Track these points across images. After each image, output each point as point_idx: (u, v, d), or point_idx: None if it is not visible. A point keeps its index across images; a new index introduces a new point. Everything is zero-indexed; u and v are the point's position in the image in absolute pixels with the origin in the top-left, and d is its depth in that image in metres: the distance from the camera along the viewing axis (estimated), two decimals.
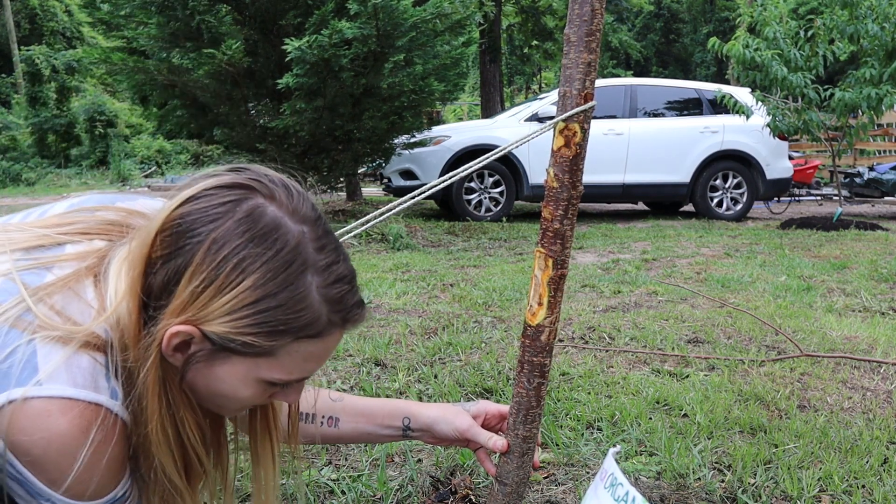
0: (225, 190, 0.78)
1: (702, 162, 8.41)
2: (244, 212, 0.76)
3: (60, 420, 0.69)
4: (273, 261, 0.75)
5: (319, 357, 0.82)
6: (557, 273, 1.02)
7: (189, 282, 0.74)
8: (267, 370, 0.79)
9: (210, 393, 0.82)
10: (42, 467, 0.71)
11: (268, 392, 0.84)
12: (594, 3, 0.95)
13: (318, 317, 0.78)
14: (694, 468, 1.60)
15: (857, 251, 5.36)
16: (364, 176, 13.09)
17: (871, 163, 11.02)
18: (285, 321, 0.76)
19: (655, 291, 3.72)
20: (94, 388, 0.72)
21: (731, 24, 26.87)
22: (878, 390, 2.19)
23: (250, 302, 0.74)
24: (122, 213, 0.88)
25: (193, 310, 0.74)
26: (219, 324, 0.75)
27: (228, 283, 0.74)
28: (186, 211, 0.77)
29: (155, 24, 6.21)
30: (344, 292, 0.81)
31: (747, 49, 7.14)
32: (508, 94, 29.76)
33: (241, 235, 0.75)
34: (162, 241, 0.76)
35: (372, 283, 3.92)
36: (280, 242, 0.76)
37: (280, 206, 0.78)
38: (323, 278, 0.78)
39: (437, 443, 1.20)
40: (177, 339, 0.75)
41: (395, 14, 5.82)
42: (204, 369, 0.79)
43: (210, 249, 0.74)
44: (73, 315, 0.74)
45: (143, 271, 0.76)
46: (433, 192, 1.09)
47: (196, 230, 0.75)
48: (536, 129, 1.08)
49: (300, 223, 0.78)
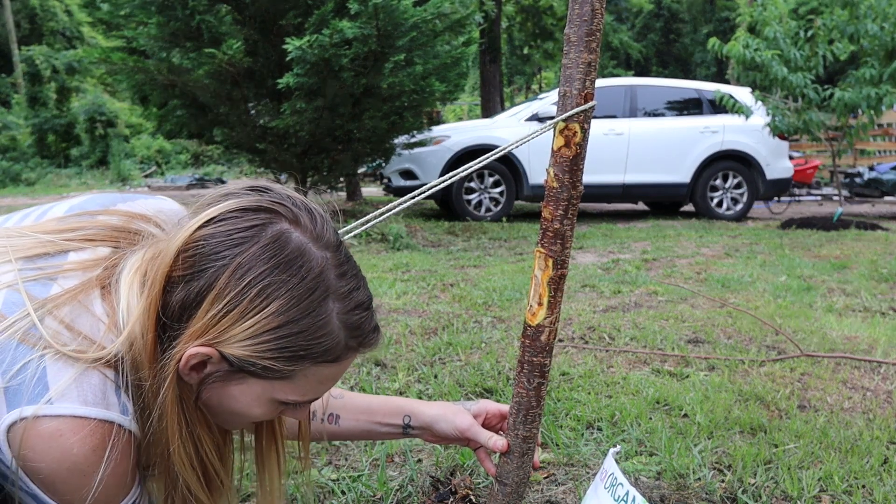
0: (250, 213, 0.78)
1: (702, 162, 8.41)
2: (269, 237, 0.76)
3: (72, 440, 0.69)
4: (297, 288, 0.75)
5: (333, 379, 0.84)
6: (557, 273, 1.02)
7: (211, 305, 0.74)
8: (282, 392, 0.80)
9: (222, 410, 0.82)
10: (53, 486, 0.71)
11: (279, 410, 0.84)
12: (594, 3, 0.95)
13: (338, 343, 0.79)
14: (694, 468, 1.60)
15: (858, 251, 5.36)
16: (364, 176, 13.09)
17: (872, 163, 11.02)
18: (306, 347, 0.77)
19: (655, 291, 3.72)
20: (105, 405, 0.72)
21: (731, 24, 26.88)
22: (878, 390, 2.19)
23: (273, 328, 0.75)
24: (125, 217, 0.87)
25: (214, 333, 0.75)
26: (239, 347, 0.75)
27: (252, 309, 0.74)
28: (210, 233, 0.76)
29: (155, 24, 6.21)
30: (363, 319, 0.81)
31: (747, 49, 7.14)
32: (508, 94, 29.76)
33: (266, 262, 0.75)
34: (183, 260, 0.76)
35: (372, 283, 3.92)
36: (304, 269, 0.76)
37: (304, 231, 0.79)
38: (343, 305, 0.79)
39: (437, 441, 1.20)
40: (195, 359, 0.76)
41: (396, 14, 5.82)
42: (219, 388, 0.79)
43: (234, 274, 0.74)
44: (83, 329, 0.74)
45: (162, 290, 0.76)
46: (433, 192, 1.09)
47: (220, 253, 0.75)
48: (536, 129, 1.08)
49: (323, 249, 0.79)
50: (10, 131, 21.36)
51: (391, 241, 5.78)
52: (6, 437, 0.69)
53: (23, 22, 27.55)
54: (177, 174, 19.66)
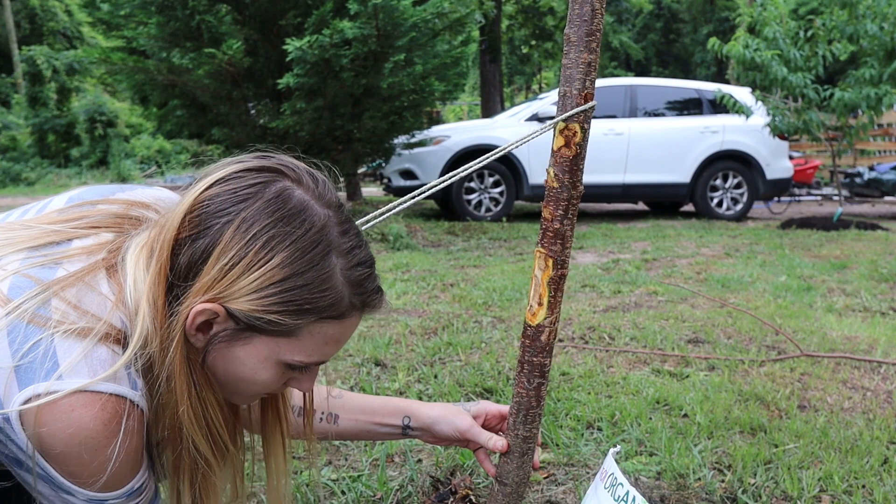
0: (253, 173, 0.80)
1: (702, 162, 8.41)
2: (273, 193, 0.78)
3: (82, 413, 0.70)
4: (301, 240, 0.77)
5: (338, 340, 0.83)
6: (557, 273, 1.02)
7: (217, 260, 0.75)
8: (288, 351, 0.80)
9: (228, 377, 0.82)
10: (65, 462, 0.71)
11: (285, 377, 0.84)
12: (594, 3, 0.95)
13: (341, 298, 0.80)
14: (694, 468, 1.60)
15: (858, 251, 5.36)
16: (364, 176, 13.09)
17: (872, 163, 11.02)
18: (311, 300, 0.77)
19: (655, 291, 3.72)
20: (115, 380, 0.73)
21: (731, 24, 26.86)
22: (878, 390, 2.19)
23: (278, 280, 0.76)
24: (124, 204, 0.88)
25: (220, 287, 0.76)
26: (245, 301, 0.76)
27: (258, 261, 0.75)
28: (215, 192, 0.78)
29: (155, 24, 6.20)
30: (365, 275, 0.82)
31: (747, 49, 7.14)
32: (508, 94, 29.76)
33: (270, 215, 0.77)
34: (189, 221, 0.77)
35: None
36: (308, 223, 0.78)
37: (307, 190, 0.81)
38: (346, 261, 0.80)
39: (436, 442, 1.20)
40: (202, 317, 0.76)
41: (395, 14, 5.82)
42: (225, 350, 0.80)
43: (239, 228, 0.76)
44: (90, 308, 0.75)
45: (170, 254, 0.77)
46: (433, 192, 1.09)
47: (225, 210, 0.77)
48: (536, 129, 1.08)
49: (325, 207, 0.81)
50: (10, 131, 21.36)
51: (391, 241, 5.78)
52: (20, 416, 0.69)
53: (23, 22, 27.54)
54: (177, 174, 19.66)
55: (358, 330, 2.85)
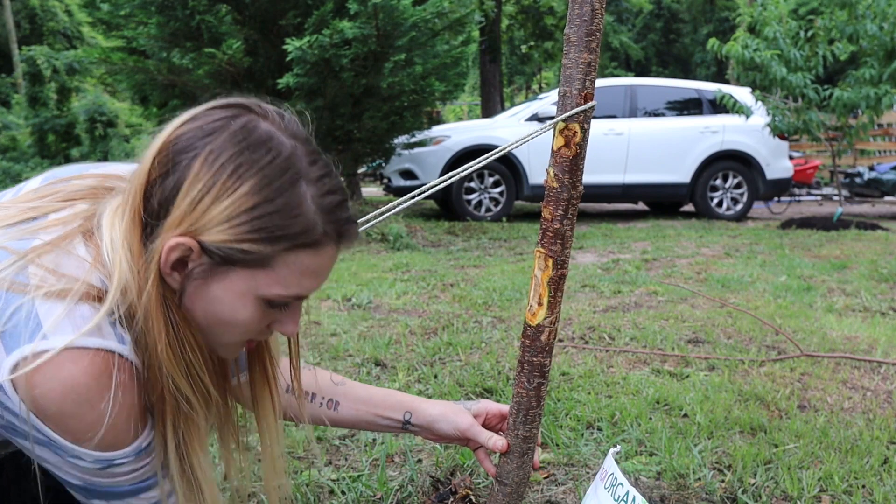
0: (218, 109, 0.81)
1: (702, 162, 8.41)
2: (239, 125, 0.79)
3: (72, 369, 0.70)
4: (269, 167, 0.77)
5: (315, 273, 0.82)
6: (557, 273, 1.02)
7: (187, 193, 0.75)
8: (265, 284, 0.79)
9: (209, 320, 0.81)
10: (62, 421, 0.72)
11: (266, 317, 0.83)
12: (594, 3, 0.95)
13: (314, 225, 0.79)
14: (694, 468, 1.60)
15: (858, 251, 5.36)
16: (364, 176, 13.09)
17: (872, 163, 11.02)
18: (283, 226, 0.77)
19: (655, 291, 3.72)
20: (101, 334, 0.73)
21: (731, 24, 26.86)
22: (878, 390, 2.19)
23: (248, 207, 0.76)
24: (99, 177, 0.89)
25: (191, 220, 0.75)
26: (217, 232, 0.76)
27: (226, 190, 0.75)
28: (182, 131, 0.79)
29: (155, 24, 6.20)
30: (336, 203, 0.82)
31: (746, 49, 7.14)
32: (508, 94, 29.76)
33: (236, 144, 0.77)
34: (159, 162, 0.78)
35: (372, 283, 3.92)
36: (274, 151, 0.78)
37: (272, 122, 0.81)
38: (316, 188, 0.80)
39: (436, 440, 1.20)
40: (175, 253, 0.76)
41: (395, 14, 5.82)
42: (202, 288, 0.79)
43: (207, 159, 0.76)
44: (68, 271, 0.75)
45: (143, 199, 0.77)
46: (433, 192, 1.09)
47: (192, 145, 0.77)
48: (536, 129, 1.08)
49: (292, 138, 0.81)
50: (10, 131, 21.36)
51: (391, 241, 5.78)
52: (10, 380, 0.69)
53: (23, 22, 27.54)
54: None
55: (358, 330, 2.85)
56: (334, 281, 3.99)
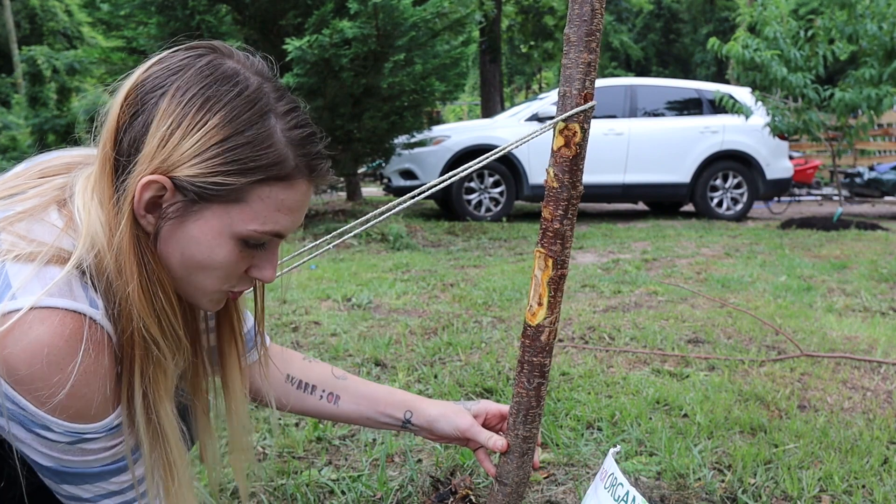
0: (183, 50, 0.81)
1: (702, 162, 8.41)
2: (205, 62, 0.79)
3: (40, 329, 0.69)
4: (237, 99, 0.77)
5: (291, 209, 0.82)
6: (557, 273, 1.02)
7: (156, 130, 0.75)
8: (240, 220, 0.79)
9: (185, 263, 0.80)
10: (31, 385, 0.70)
11: (243, 259, 0.83)
12: (594, 3, 0.95)
13: (285, 158, 0.79)
14: (694, 468, 1.60)
15: (857, 251, 5.36)
16: (364, 176, 13.09)
17: (872, 163, 11.02)
18: (254, 157, 0.77)
19: (655, 291, 3.72)
20: (72, 296, 0.72)
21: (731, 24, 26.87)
22: (878, 390, 2.19)
23: (219, 140, 0.76)
24: (80, 155, 0.89)
25: (162, 156, 0.75)
26: (189, 166, 0.75)
27: (195, 123, 0.75)
28: (148, 74, 0.79)
29: (155, 24, 6.21)
30: (306, 135, 0.82)
31: (747, 49, 7.14)
32: (508, 94, 29.76)
33: (203, 80, 0.77)
34: (127, 105, 0.78)
35: (372, 283, 3.92)
36: (242, 85, 0.78)
37: (237, 61, 0.82)
38: (285, 122, 0.80)
39: (436, 440, 1.20)
40: (148, 191, 0.76)
41: (395, 14, 5.82)
42: (177, 229, 0.78)
43: (174, 96, 0.76)
44: (38, 236, 0.75)
45: (113, 143, 0.77)
46: (433, 192, 1.09)
47: (159, 84, 0.77)
48: (536, 129, 1.08)
49: (258, 76, 0.82)
50: (10, 131, 21.36)
51: (391, 241, 5.78)
52: None
53: (23, 22, 27.53)
54: None
55: (358, 330, 2.85)
56: (334, 281, 3.99)
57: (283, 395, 1.14)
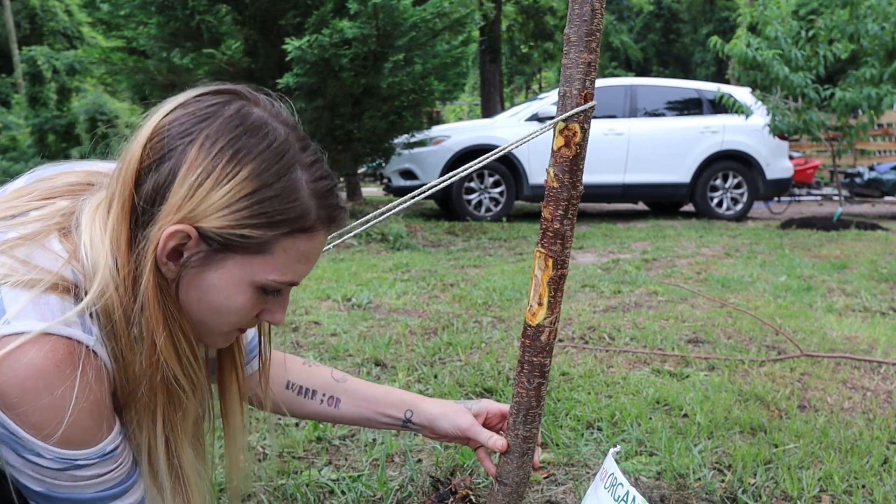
0: (210, 95, 0.80)
1: (702, 162, 8.41)
2: (233, 110, 0.78)
3: (32, 354, 0.69)
4: (267, 152, 0.77)
5: (308, 258, 0.83)
6: (557, 273, 1.02)
7: (185, 179, 0.74)
8: (261, 270, 0.79)
9: (202, 309, 0.81)
10: (23, 411, 0.69)
11: (258, 305, 0.83)
12: (594, 3, 0.95)
13: (309, 210, 0.80)
14: (694, 468, 1.60)
15: (858, 251, 5.36)
16: (364, 176, 13.08)
17: (872, 163, 11.02)
18: (281, 211, 0.77)
19: (655, 291, 3.72)
20: (66, 323, 0.71)
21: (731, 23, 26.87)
22: (878, 390, 2.19)
23: (248, 192, 0.76)
24: (82, 174, 0.88)
25: (190, 206, 0.74)
26: (217, 218, 0.75)
27: (226, 175, 0.75)
28: (174, 117, 0.78)
29: (155, 24, 6.21)
30: (329, 188, 0.83)
31: (749, 48, 7.14)
32: (508, 94, 29.75)
33: (233, 130, 0.77)
34: (150, 149, 0.76)
35: (372, 283, 3.92)
36: (271, 136, 0.78)
37: (264, 109, 0.81)
38: (310, 174, 0.80)
39: (436, 438, 1.20)
40: (173, 241, 0.75)
41: (395, 13, 5.82)
42: (198, 276, 0.78)
43: (204, 145, 0.75)
44: (39, 263, 0.74)
45: (134, 186, 0.76)
46: (433, 192, 1.09)
47: (187, 130, 0.76)
48: (536, 129, 1.08)
49: (283, 125, 0.81)
50: (10, 131, 21.37)
51: (391, 241, 5.78)
52: None
53: (23, 22, 27.53)
54: None
55: (358, 330, 2.85)
56: (334, 281, 3.99)
57: (284, 402, 1.14)
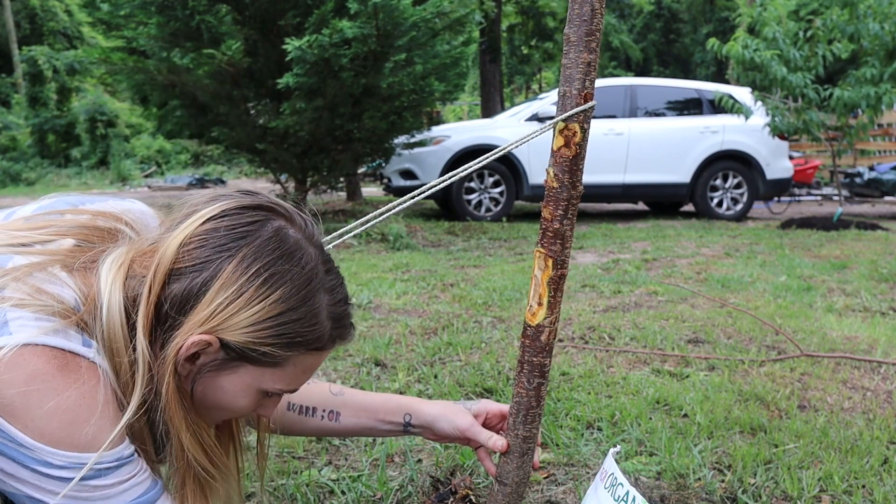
0: (250, 211, 0.83)
1: (702, 162, 8.41)
2: (271, 231, 0.82)
3: (34, 360, 0.70)
4: (298, 278, 0.81)
5: (313, 369, 0.89)
6: (557, 273, 1.02)
7: (217, 293, 0.78)
8: (271, 381, 0.84)
9: (206, 403, 0.84)
10: (27, 416, 0.69)
11: (259, 403, 0.88)
12: (594, 3, 0.95)
13: (325, 332, 0.84)
14: (694, 468, 1.60)
15: (857, 251, 5.36)
16: (364, 176, 13.08)
17: (872, 163, 11.02)
18: (301, 333, 0.81)
19: (655, 291, 3.72)
20: (66, 337, 0.73)
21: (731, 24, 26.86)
22: (878, 390, 2.19)
23: (275, 314, 0.79)
24: (91, 214, 0.89)
25: (219, 319, 0.78)
26: (241, 333, 0.79)
27: (258, 297, 0.79)
28: (213, 227, 0.81)
29: (155, 24, 6.20)
30: (345, 311, 0.88)
31: (746, 50, 7.14)
32: (508, 94, 29.75)
33: (271, 253, 0.80)
34: (186, 253, 0.79)
35: (372, 283, 3.92)
36: (304, 261, 0.83)
37: (298, 229, 0.85)
38: (331, 297, 0.85)
39: (437, 439, 1.20)
40: (196, 347, 0.78)
41: (395, 13, 5.82)
42: (210, 379, 0.82)
43: (241, 263, 0.79)
44: (48, 290, 0.76)
45: (163, 284, 0.78)
46: (433, 192, 1.09)
47: (225, 245, 0.79)
48: (536, 129, 1.08)
49: (313, 246, 0.85)
50: (11, 131, 21.37)
51: (391, 241, 5.78)
52: None
53: (23, 22, 27.54)
54: (177, 174, 19.67)
55: (358, 330, 2.85)
56: None
57: (286, 423, 1.16)
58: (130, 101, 17.85)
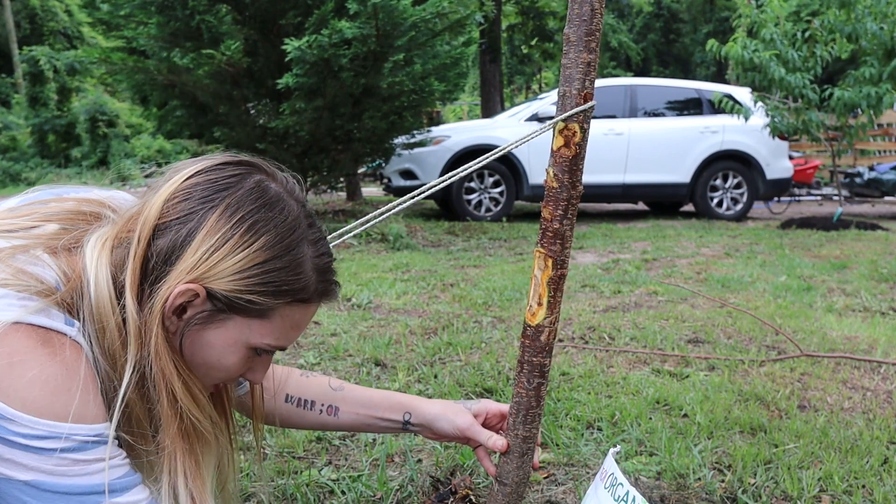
0: (231, 166, 0.86)
1: (702, 162, 8.41)
2: (253, 183, 0.84)
3: (16, 335, 0.71)
4: (281, 226, 0.83)
5: (300, 325, 0.89)
6: (557, 273, 1.02)
7: (202, 242, 0.79)
8: (258, 334, 0.84)
9: (194, 362, 0.85)
10: (9, 387, 0.70)
11: (246, 364, 0.88)
12: (594, 3, 0.95)
13: (310, 283, 0.85)
14: (694, 468, 1.60)
15: (857, 251, 5.36)
16: (364, 176, 13.08)
17: (872, 163, 11.02)
18: (287, 282, 0.83)
19: (655, 291, 3.72)
20: (48, 316, 0.75)
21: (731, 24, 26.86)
22: (878, 390, 2.19)
23: (260, 262, 0.81)
24: (75, 201, 0.90)
25: (204, 268, 0.79)
26: (227, 281, 0.80)
27: (242, 243, 0.80)
28: (196, 181, 0.83)
29: (155, 24, 6.20)
30: (329, 264, 0.89)
31: (745, 50, 7.14)
32: (508, 94, 29.75)
33: (254, 202, 0.82)
34: (171, 207, 0.81)
35: (372, 283, 3.92)
36: (286, 212, 0.84)
37: (280, 184, 0.88)
38: (315, 249, 0.86)
39: (436, 438, 1.20)
40: (182, 298, 0.79)
41: (395, 14, 5.82)
42: (198, 333, 0.82)
43: (225, 213, 0.81)
44: (29, 270, 0.77)
45: (149, 240, 0.80)
46: (433, 192, 1.09)
47: (209, 196, 0.82)
48: (536, 129, 1.08)
49: (294, 201, 0.87)
50: (11, 131, 21.37)
51: (391, 241, 5.78)
52: None
53: (23, 22, 27.54)
54: None
55: (358, 330, 2.85)
56: None
57: (284, 415, 1.17)
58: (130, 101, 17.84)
